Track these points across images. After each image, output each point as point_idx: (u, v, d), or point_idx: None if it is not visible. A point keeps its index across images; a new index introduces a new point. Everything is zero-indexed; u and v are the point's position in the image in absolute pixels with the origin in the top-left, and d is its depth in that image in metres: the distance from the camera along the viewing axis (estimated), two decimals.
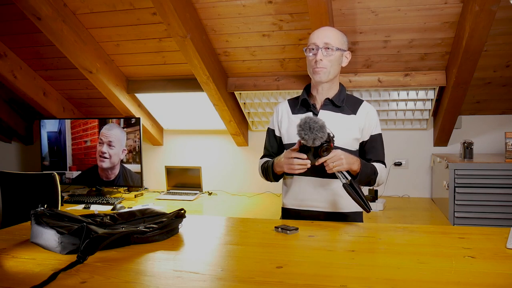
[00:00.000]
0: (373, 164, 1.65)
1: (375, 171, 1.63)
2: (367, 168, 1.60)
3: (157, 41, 2.85)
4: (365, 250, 1.22)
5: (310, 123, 1.39)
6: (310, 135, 1.38)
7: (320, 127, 1.39)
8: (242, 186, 3.48)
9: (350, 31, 2.54)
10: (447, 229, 1.49)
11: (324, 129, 1.40)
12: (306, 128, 1.38)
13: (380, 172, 1.65)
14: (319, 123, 1.39)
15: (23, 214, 1.96)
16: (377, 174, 1.63)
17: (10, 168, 3.95)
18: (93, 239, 1.11)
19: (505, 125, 3.01)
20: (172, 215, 1.37)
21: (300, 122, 1.40)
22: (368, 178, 1.61)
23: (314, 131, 1.38)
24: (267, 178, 1.75)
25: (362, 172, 1.57)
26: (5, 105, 3.71)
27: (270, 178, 1.72)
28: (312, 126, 1.38)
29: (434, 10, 2.35)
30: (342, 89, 1.72)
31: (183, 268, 1.07)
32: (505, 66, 2.64)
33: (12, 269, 1.07)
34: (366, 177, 1.60)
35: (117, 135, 3.26)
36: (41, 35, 2.85)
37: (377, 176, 1.64)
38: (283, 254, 1.17)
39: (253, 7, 2.48)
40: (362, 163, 1.58)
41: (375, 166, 1.64)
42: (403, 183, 3.16)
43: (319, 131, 1.38)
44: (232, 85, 3.06)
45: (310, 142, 1.40)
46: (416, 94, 2.90)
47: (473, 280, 0.95)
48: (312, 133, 1.38)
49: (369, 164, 1.63)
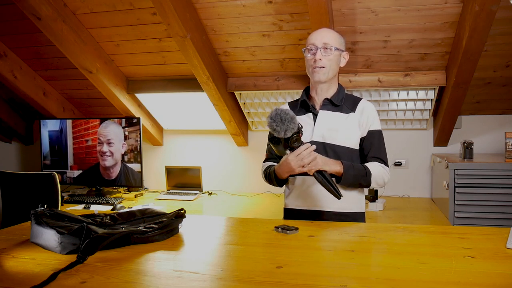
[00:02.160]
0: (365, 165, 1.63)
1: (366, 172, 1.60)
2: (353, 170, 1.58)
3: (157, 41, 2.85)
4: (365, 250, 1.22)
5: (281, 115, 1.40)
6: (282, 126, 1.40)
7: (291, 118, 1.41)
8: (242, 186, 3.48)
9: (350, 31, 2.54)
10: (447, 229, 1.49)
11: (294, 120, 1.42)
12: (278, 119, 1.40)
13: (376, 172, 1.62)
14: (290, 114, 1.41)
15: (23, 214, 1.96)
16: (369, 174, 1.60)
17: (10, 168, 3.95)
18: (93, 239, 1.11)
19: (505, 125, 3.01)
20: (172, 215, 1.37)
21: (271, 114, 1.42)
22: (356, 180, 1.59)
23: (285, 122, 1.40)
24: (270, 183, 1.74)
25: (346, 174, 1.55)
26: (5, 105, 3.71)
27: (274, 183, 1.72)
28: (283, 117, 1.40)
29: (434, 10, 2.35)
30: (340, 89, 1.72)
31: (183, 268, 1.07)
32: (505, 66, 2.64)
33: (12, 269, 1.07)
34: (353, 179, 1.58)
35: (114, 131, 3.27)
36: (41, 35, 2.85)
37: (371, 177, 1.60)
38: (283, 254, 1.17)
39: (253, 7, 2.48)
40: (346, 165, 1.56)
41: (367, 166, 1.62)
42: (403, 183, 3.16)
43: (290, 122, 1.41)
44: (232, 85, 3.06)
45: (281, 134, 1.42)
46: (416, 94, 2.91)
47: (473, 280, 0.95)
48: (283, 124, 1.40)
49: (358, 165, 1.60)
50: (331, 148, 1.63)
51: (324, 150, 1.63)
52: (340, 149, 1.64)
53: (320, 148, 1.63)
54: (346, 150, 1.65)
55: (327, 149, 1.63)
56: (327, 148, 1.63)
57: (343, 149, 1.64)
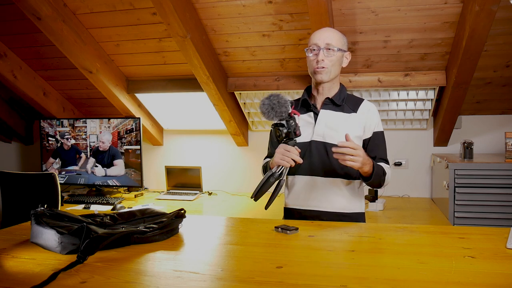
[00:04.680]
0: (379, 164, 1.64)
1: (384, 172, 1.63)
2: (378, 169, 1.59)
3: (157, 41, 2.85)
4: (365, 250, 1.22)
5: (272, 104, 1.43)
6: (274, 113, 1.43)
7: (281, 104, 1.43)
8: (242, 186, 3.47)
9: (350, 31, 2.54)
10: (447, 229, 1.49)
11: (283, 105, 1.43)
12: (269, 109, 1.43)
13: (387, 172, 1.65)
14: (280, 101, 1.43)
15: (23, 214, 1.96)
16: (385, 174, 1.63)
17: (10, 168, 3.95)
18: (93, 239, 1.11)
19: (505, 125, 3.01)
20: (172, 215, 1.37)
21: (262, 109, 1.44)
22: (379, 180, 1.61)
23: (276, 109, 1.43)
24: None
25: (375, 174, 1.56)
26: (5, 105, 3.71)
27: None
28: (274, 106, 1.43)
29: (434, 10, 2.35)
30: (342, 88, 1.72)
31: (183, 268, 1.07)
32: (505, 66, 2.64)
33: (12, 269, 1.07)
34: (378, 178, 1.59)
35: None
36: (41, 35, 2.85)
37: (385, 177, 1.63)
38: (283, 254, 1.17)
39: (253, 7, 2.48)
40: (374, 165, 1.57)
41: (382, 166, 1.64)
42: (403, 183, 3.16)
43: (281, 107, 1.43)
44: (232, 85, 3.06)
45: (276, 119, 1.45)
46: (416, 94, 2.91)
47: (473, 280, 0.95)
48: (274, 110, 1.43)
49: (377, 165, 1.61)
50: (331, 147, 1.63)
51: (324, 149, 1.63)
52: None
53: (320, 147, 1.63)
54: None
55: (327, 148, 1.63)
56: (327, 147, 1.63)
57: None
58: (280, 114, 1.44)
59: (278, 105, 1.42)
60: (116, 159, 3.28)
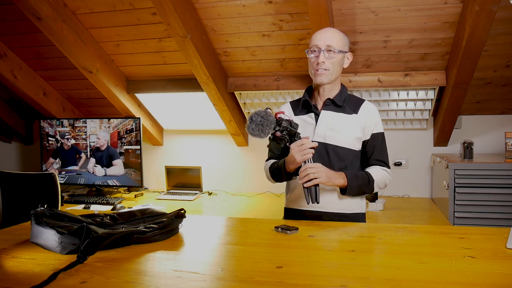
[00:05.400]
0: (367, 171, 1.63)
1: (369, 180, 1.61)
2: (356, 180, 1.58)
3: (157, 41, 2.85)
4: (365, 250, 1.22)
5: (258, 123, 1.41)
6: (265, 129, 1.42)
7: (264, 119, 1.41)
8: (242, 186, 3.48)
9: (350, 31, 2.53)
10: (447, 229, 1.49)
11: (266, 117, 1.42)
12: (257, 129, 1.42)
13: (379, 178, 1.63)
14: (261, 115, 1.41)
15: (23, 214, 1.96)
16: (372, 182, 1.61)
17: (10, 168, 3.95)
18: (93, 239, 1.11)
19: (505, 125, 3.01)
20: (172, 215, 1.37)
21: (254, 133, 1.42)
22: (360, 190, 1.60)
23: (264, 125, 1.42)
24: (278, 179, 1.71)
25: (350, 186, 1.56)
26: (5, 105, 3.71)
27: (283, 178, 1.68)
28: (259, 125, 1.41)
29: (434, 10, 2.35)
30: (343, 89, 1.72)
31: (183, 268, 1.07)
32: (505, 66, 2.64)
33: (12, 269, 1.07)
34: (357, 189, 1.59)
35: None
36: (41, 35, 2.85)
37: (373, 184, 1.62)
38: (283, 254, 1.17)
39: (253, 7, 2.48)
40: (350, 176, 1.57)
41: (370, 174, 1.62)
42: (403, 183, 3.16)
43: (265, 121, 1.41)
44: (232, 85, 3.06)
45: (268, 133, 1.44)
46: (416, 94, 2.90)
47: (473, 280, 0.95)
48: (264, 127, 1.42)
49: (361, 174, 1.61)
50: (332, 148, 1.63)
51: (325, 150, 1.63)
52: (341, 149, 1.64)
53: (321, 148, 1.63)
54: (347, 151, 1.64)
55: (328, 149, 1.63)
56: (328, 148, 1.63)
57: (344, 150, 1.64)
58: (271, 124, 1.43)
59: (263, 119, 1.41)
60: (115, 159, 3.28)
